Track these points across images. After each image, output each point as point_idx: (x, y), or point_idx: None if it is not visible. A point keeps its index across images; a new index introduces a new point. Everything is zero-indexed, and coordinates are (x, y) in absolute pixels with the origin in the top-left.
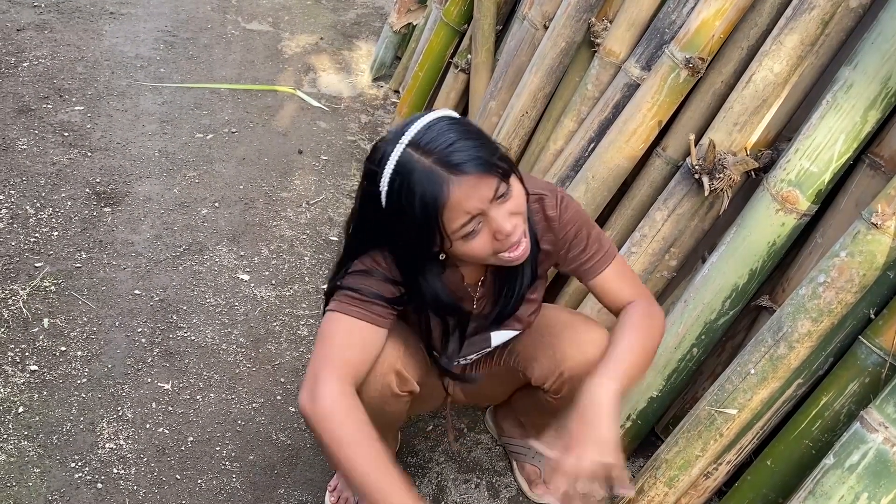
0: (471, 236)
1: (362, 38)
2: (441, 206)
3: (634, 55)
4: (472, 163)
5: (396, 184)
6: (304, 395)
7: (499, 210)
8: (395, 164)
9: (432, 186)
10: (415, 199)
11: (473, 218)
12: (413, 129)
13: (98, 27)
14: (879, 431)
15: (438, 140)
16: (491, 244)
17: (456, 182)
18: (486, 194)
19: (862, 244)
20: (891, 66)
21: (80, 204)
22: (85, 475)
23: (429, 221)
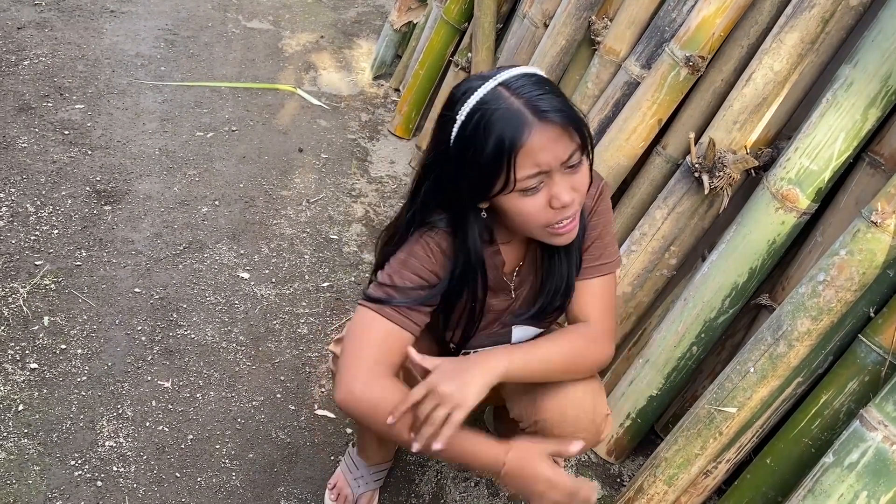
0: (529, 192)
1: (363, 36)
2: (519, 146)
3: (635, 53)
4: (559, 115)
5: (477, 116)
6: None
7: (564, 177)
8: (481, 96)
9: (515, 125)
10: (491, 134)
11: (541, 173)
12: (507, 73)
13: (98, 25)
14: (879, 430)
15: (531, 88)
16: (545, 211)
17: (539, 129)
18: (561, 154)
19: (862, 242)
20: (891, 64)
21: (81, 202)
22: (85, 473)
23: (499, 159)
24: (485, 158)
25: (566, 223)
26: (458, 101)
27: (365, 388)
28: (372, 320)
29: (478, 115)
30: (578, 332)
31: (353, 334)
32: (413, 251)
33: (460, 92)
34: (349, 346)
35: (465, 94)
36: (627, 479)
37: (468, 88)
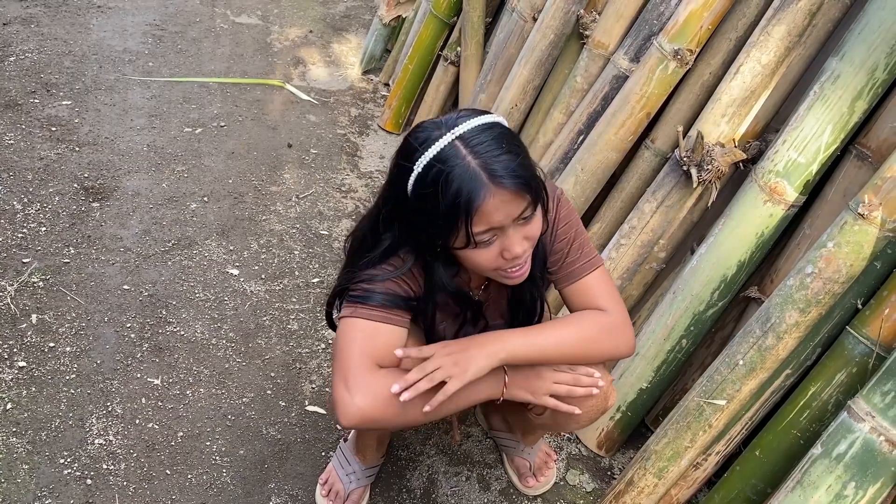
0: (482, 246)
1: (352, 30)
2: (475, 209)
3: (623, 47)
4: (513, 180)
5: (434, 170)
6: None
7: (517, 231)
8: (438, 150)
9: (471, 187)
10: (447, 193)
11: (493, 230)
12: (466, 125)
13: (85, 21)
14: (866, 421)
15: (489, 146)
16: (496, 259)
17: (493, 192)
18: (513, 213)
19: (849, 234)
20: (877, 56)
21: (68, 199)
22: (74, 471)
23: (455, 218)
24: (441, 216)
25: (518, 269)
26: (416, 152)
27: (366, 397)
28: (350, 325)
29: (434, 170)
30: (594, 319)
31: (337, 349)
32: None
33: (417, 142)
34: (337, 364)
35: (422, 145)
36: (618, 473)
37: (426, 139)
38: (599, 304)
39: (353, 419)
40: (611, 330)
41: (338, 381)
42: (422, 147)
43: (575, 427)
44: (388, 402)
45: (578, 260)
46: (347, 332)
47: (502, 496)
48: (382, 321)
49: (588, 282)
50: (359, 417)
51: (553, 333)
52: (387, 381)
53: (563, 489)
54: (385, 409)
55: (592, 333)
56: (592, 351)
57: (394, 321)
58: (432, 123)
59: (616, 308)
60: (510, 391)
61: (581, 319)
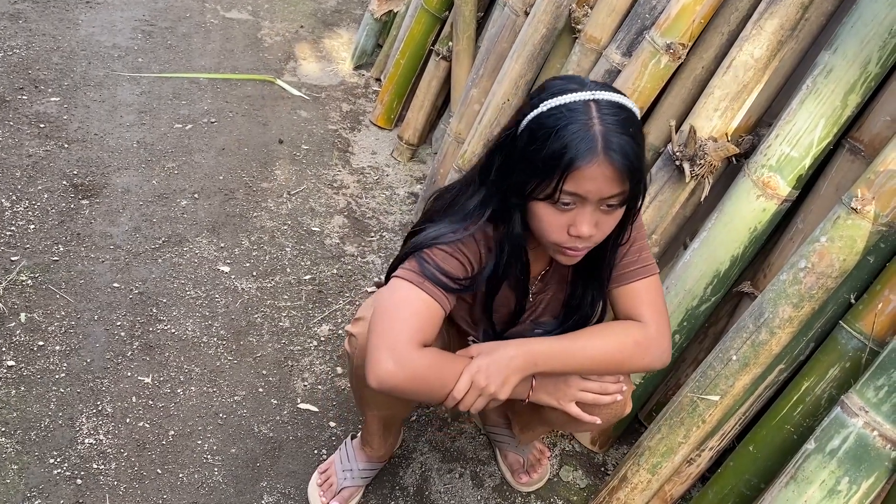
0: (560, 207)
1: (343, 25)
2: (575, 167)
3: (615, 41)
4: (623, 159)
5: (557, 115)
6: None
7: (595, 213)
8: (570, 101)
9: (583, 147)
10: (560, 139)
11: (578, 196)
12: (606, 95)
13: (74, 17)
14: (860, 416)
15: (618, 121)
16: (562, 230)
17: (600, 162)
18: (605, 191)
19: (842, 229)
20: (870, 50)
21: (58, 196)
22: (64, 471)
23: (553, 169)
24: (541, 159)
25: (574, 251)
26: (547, 94)
27: (399, 367)
28: (408, 292)
29: (557, 115)
30: (630, 332)
31: (388, 309)
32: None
33: (554, 87)
34: (382, 322)
35: (557, 91)
36: (612, 469)
37: (563, 88)
38: (642, 312)
39: (386, 385)
40: (647, 345)
41: (382, 344)
42: (556, 92)
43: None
44: (422, 382)
45: (635, 263)
46: (406, 297)
47: (496, 493)
48: (436, 299)
49: (638, 287)
50: (390, 385)
51: (588, 345)
52: (425, 360)
53: (557, 485)
54: (416, 386)
55: (628, 348)
56: (625, 365)
57: (442, 302)
58: (575, 78)
59: (658, 320)
60: (536, 395)
61: (618, 332)
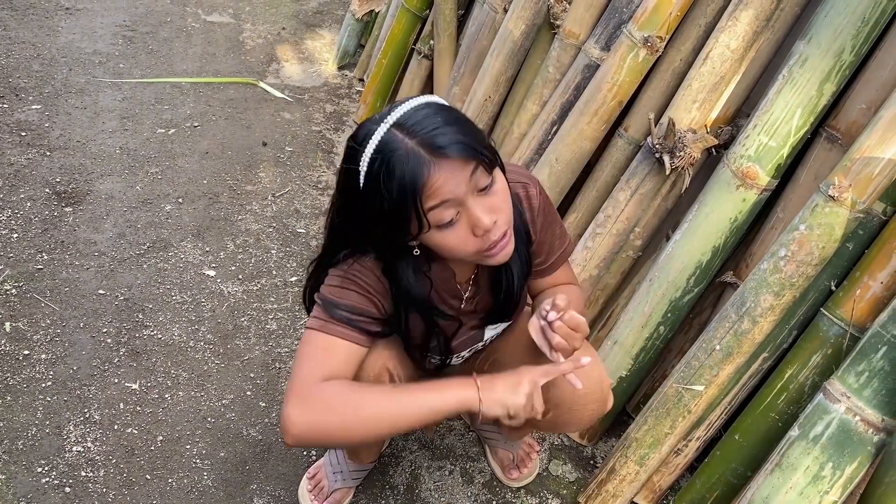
0: (447, 227)
1: (325, 26)
2: (420, 187)
3: (594, 36)
4: (455, 147)
5: (377, 164)
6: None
7: (478, 202)
8: (377, 143)
9: (412, 167)
10: (393, 180)
11: (449, 203)
12: (399, 111)
13: (53, 23)
14: (842, 401)
15: (424, 123)
16: (470, 240)
17: (437, 165)
18: (463, 181)
19: (820, 217)
20: (843, 39)
21: (40, 204)
22: (52, 480)
23: (405, 204)
24: (392, 205)
25: (498, 246)
26: (358, 151)
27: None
28: (309, 338)
29: (377, 163)
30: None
31: (296, 359)
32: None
33: (358, 141)
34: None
35: (363, 142)
36: (600, 461)
37: (365, 135)
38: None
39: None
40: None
41: (286, 396)
42: (362, 145)
43: (573, 429)
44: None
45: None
46: (304, 342)
47: (486, 489)
48: (341, 337)
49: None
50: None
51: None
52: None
53: (546, 480)
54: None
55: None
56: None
57: (353, 338)
58: (369, 120)
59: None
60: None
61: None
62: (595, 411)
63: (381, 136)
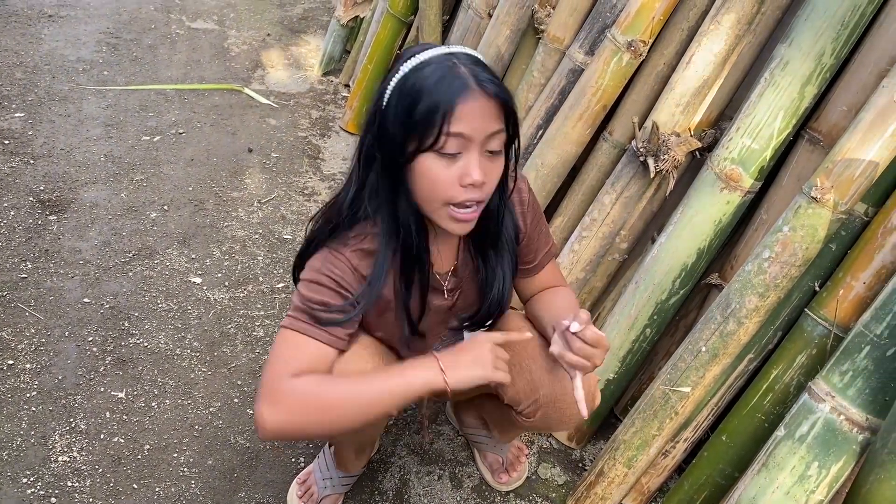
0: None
1: (310, 32)
2: (456, 104)
3: (578, 40)
4: (497, 88)
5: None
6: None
7: (482, 157)
8: (429, 56)
9: (458, 85)
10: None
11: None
12: (458, 48)
13: (36, 31)
14: (827, 401)
15: (478, 65)
16: (453, 186)
17: (476, 95)
18: (488, 127)
19: (803, 218)
20: (824, 42)
21: (24, 213)
22: (38, 490)
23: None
24: (419, 111)
25: (468, 211)
26: (405, 58)
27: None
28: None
29: (423, 70)
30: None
31: (269, 357)
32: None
33: (409, 52)
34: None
35: (416, 52)
36: (589, 464)
37: (417, 50)
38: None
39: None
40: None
41: (258, 393)
42: (413, 55)
43: (563, 428)
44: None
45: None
46: (277, 343)
47: (475, 493)
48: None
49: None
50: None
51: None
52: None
53: (535, 483)
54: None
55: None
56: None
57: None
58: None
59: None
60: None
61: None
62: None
63: (436, 54)
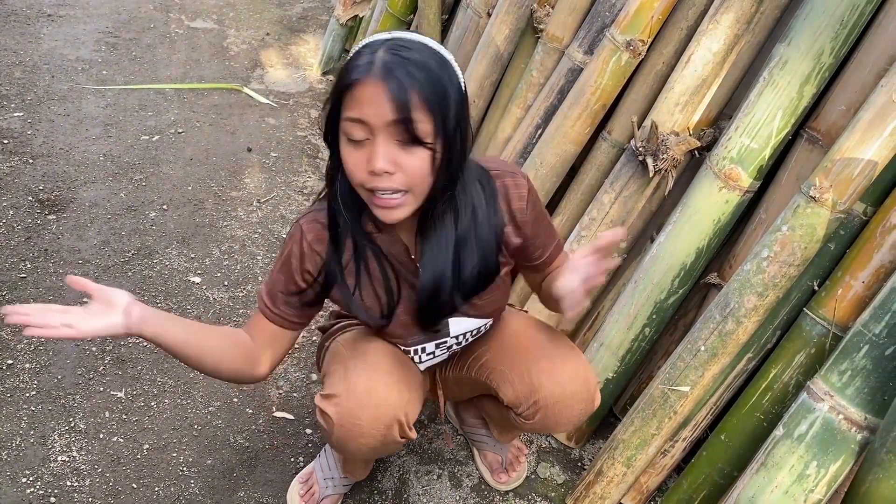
0: (353, 144)
1: (309, 31)
2: (351, 85)
3: (577, 40)
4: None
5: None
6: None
7: (389, 146)
8: (369, 40)
9: (361, 66)
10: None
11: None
12: (410, 35)
13: (35, 30)
14: (825, 400)
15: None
16: (362, 169)
17: (374, 82)
18: (385, 115)
19: (802, 217)
20: (822, 41)
21: (23, 213)
22: (37, 490)
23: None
24: (333, 90)
25: (384, 197)
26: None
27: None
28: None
29: (358, 53)
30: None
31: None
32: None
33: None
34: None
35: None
36: (588, 463)
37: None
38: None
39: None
40: None
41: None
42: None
43: (562, 430)
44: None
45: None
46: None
47: (474, 492)
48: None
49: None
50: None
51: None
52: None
53: (535, 482)
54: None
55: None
56: None
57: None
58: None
59: None
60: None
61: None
62: (582, 411)
63: (379, 37)
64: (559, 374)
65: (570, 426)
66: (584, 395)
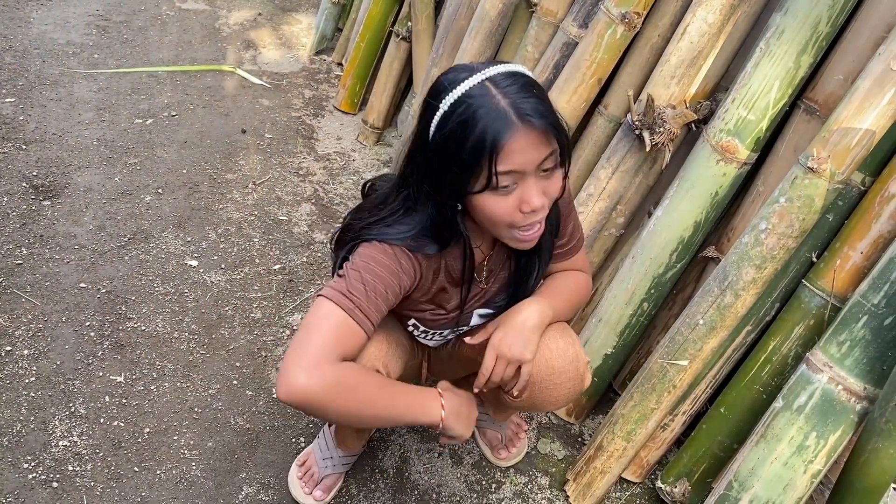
0: (501, 192)
1: (302, 11)
2: (500, 146)
3: (571, 13)
4: (541, 120)
5: (461, 109)
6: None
7: (537, 181)
8: (466, 89)
9: (499, 124)
10: (475, 128)
11: (516, 173)
12: (495, 69)
13: (25, 14)
14: (824, 371)
15: (517, 89)
16: (513, 212)
17: (520, 130)
18: (538, 158)
19: (800, 189)
20: (820, 10)
21: (18, 199)
22: (39, 475)
23: (480, 157)
24: (466, 152)
25: (532, 230)
26: (444, 91)
27: (309, 380)
28: (329, 310)
29: (462, 107)
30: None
31: (305, 325)
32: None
33: (447, 81)
34: (298, 337)
35: (451, 85)
36: (588, 438)
37: (454, 79)
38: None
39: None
40: (588, 283)
41: (294, 356)
42: (450, 86)
43: (551, 408)
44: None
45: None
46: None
47: (475, 469)
48: (359, 322)
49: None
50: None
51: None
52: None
53: (535, 458)
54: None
55: (584, 287)
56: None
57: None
58: (462, 66)
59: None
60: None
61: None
62: (571, 389)
63: (473, 84)
64: (547, 351)
65: (559, 404)
66: (573, 374)
